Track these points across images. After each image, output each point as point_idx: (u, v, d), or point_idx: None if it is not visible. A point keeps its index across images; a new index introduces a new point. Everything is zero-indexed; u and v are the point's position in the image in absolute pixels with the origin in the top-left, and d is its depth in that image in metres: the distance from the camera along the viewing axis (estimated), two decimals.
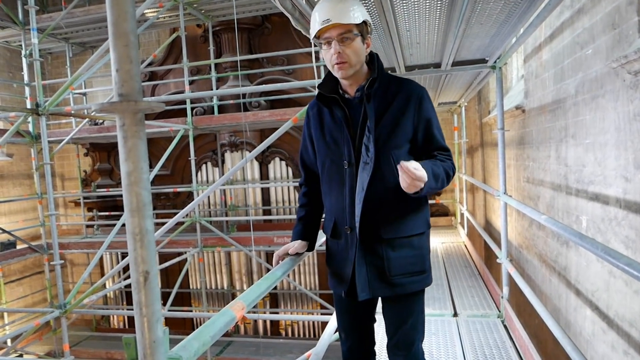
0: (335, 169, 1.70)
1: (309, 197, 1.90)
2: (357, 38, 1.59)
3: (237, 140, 8.30)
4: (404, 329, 1.73)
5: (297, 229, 1.87)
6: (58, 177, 10.65)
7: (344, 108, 1.69)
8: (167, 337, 0.82)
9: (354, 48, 1.59)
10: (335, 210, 1.73)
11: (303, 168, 1.92)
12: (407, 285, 1.68)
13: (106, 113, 0.74)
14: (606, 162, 2.55)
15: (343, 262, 1.73)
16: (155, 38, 9.81)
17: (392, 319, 1.76)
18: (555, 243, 3.49)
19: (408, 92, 1.66)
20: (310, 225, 1.89)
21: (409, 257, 1.68)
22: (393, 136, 1.64)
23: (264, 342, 8.40)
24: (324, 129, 1.74)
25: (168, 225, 4.76)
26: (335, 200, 1.72)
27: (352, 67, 1.61)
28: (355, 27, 1.58)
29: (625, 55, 2.12)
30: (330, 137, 1.72)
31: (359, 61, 1.62)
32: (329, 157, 1.73)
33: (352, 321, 1.85)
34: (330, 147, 1.71)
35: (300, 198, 1.95)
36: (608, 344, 2.58)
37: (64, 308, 5.51)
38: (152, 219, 0.77)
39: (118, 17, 0.72)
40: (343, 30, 1.57)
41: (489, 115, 5.90)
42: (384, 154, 1.63)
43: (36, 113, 5.38)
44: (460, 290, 4.62)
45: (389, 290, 1.67)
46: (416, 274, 1.69)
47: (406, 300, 1.72)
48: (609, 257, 1.56)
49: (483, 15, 2.39)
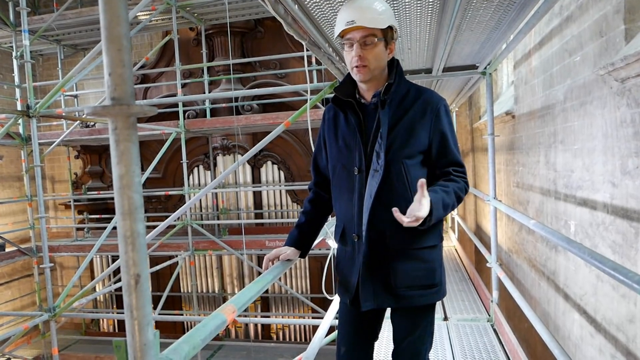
0: (345, 175, 1.67)
1: (314, 203, 1.87)
2: (380, 43, 1.57)
3: (229, 144, 8.29)
4: (411, 340, 1.69)
5: (293, 235, 1.82)
6: (48, 180, 10.56)
7: (358, 113, 1.65)
8: (157, 340, 0.83)
9: (375, 52, 1.56)
10: (344, 216, 1.71)
11: (314, 171, 1.88)
12: (415, 298, 1.63)
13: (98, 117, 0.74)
14: (594, 168, 2.59)
15: (349, 269, 1.70)
16: (147, 41, 9.77)
17: (400, 329, 1.73)
18: (544, 247, 3.52)
19: (426, 102, 1.62)
20: (307, 233, 1.84)
21: (418, 270, 1.63)
22: (406, 145, 1.59)
23: (255, 345, 8.37)
24: (338, 133, 1.71)
25: (159, 229, 4.74)
26: (345, 206, 1.69)
27: (370, 71, 1.58)
28: (379, 32, 1.55)
29: (612, 63, 2.16)
30: (343, 142, 1.69)
31: (378, 66, 1.60)
32: (340, 162, 1.70)
33: (354, 334, 1.77)
34: (342, 152, 1.68)
35: (305, 203, 1.90)
36: (596, 348, 2.61)
37: (53, 311, 5.46)
38: (144, 221, 0.77)
39: (111, 21, 0.72)
40: (367, 33, 1.54)
41: (479, 121, 5.95)
42: (395, 163, 1.59)
43: (27, 115, 5.34)
44: (451, 294, 4.65)
45: (394, 301, 1.64)
46: (425, 287, 1.64)
47: (415, 312, 1.68)
48: (595, 261, 1.58)
49: (473, 22, 2.42)
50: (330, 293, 3.07)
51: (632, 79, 2.09)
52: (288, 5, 1.91)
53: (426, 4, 2.11)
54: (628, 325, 2.22)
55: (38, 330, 8.45)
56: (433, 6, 2.15)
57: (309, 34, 2.32)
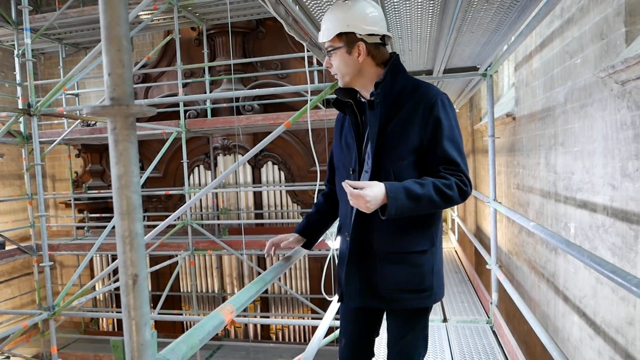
0: (344, 174, 1.71)
1: (326, 197, 1.93)
2: (340, 50, 1.59)
3: (230, 144, 8.30)
4: (403, 344, 1.70)
5: (302, 223, 1.91)
6: (49, 178, 10.56)
7: (356, 113, 1.69)
8: (155, 340, 0.83)
9: (339, 60, 1.60)
10: (342, 215, 1.77)
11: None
12: (405, 301, 1.63)
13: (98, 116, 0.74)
14: (594, 170, 2.59)
15: (341, 267, 1.74)
16: (149, 40, 9.78)
17: (393, 332, 1.74)
18: (544, 249, 3.52)
19: (420, 98, 1.55)
20: (315, 222, 1.92)
21: (407, 274, 1.61)
22: (397, 145, 1.56)
23: (254, 346, 8.37)
24: (342, 133, 1.76)
25: (159, 228, 4.74)
26: (343, 205, 1.73)
27: (342, 77, 1.63)
28: (337, 40, 1.58)
29: (613, 65, 2.15)
30: (344, 142, 1.73)
31: (348, 72, 1.61)
32: (341, 161, 1.75)
33: (353, 329, 1.82)
34: (344, 152, 1.73)
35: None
36: (595, 350, 2.61)
37: (52, 310, 5.47)
38: (142, 222, 0.77)
39: (111, 21, 0.73)
40: (327, 44, 1.61)
41: (480, 122, 5.94)
42: (386, 164, 1.57)
43: (28, 113, 5.35)
44: (450, 296, 4.65)
45: (383, 303, 1.66)
46: (415, 291, 1.62)
47: (407, 315, 1.69)
48: (594, 264, 1.58)
49: (474, 24, 2.42)
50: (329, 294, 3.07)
51: (632, 82, 2.09)
52: (289, 6, 1.91)
53: (427, 5, 2.11)
54: (627, 327, 2.21)
55: (37, 328, 8.43)
56: (434, 8, 2.15)
57: (310, 34, 2.32)
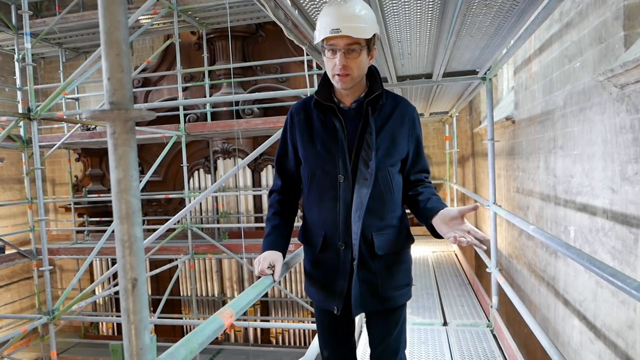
0: (327, 182, 1.62)
1: (285, 205, 1.78)
2: (364, 51, 1.52)
3: (230, 148, 8.30)
4: (389, 340, 1.72)
5: (271, 238, 1.71)
6: (49, 182, 10.57)
7: (340, 119, 1.61)
8: (154, 344, 0.83)
9: (359, 61, 1.52)
10: (325, 224, 1.64)
11: (280, 174, 1.78)
12: (398, 298, 1.69)
13: (97, 121, 0.75)
14: (593, 174, 2.59)
15: (333, 277, 1.65)
16: (149, 44, 9.81)
17: (379, 331, 1.74)
18: (544, 253, 3.52)
19: (403, 110, 1.66)
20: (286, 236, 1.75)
21: (400, 271, 1.69)
22: (390, 153, 1.62)
23: (254, 350, 8.35)
24: (314, 137, 1.64)
25: (159, 232, 4.75)
26: (326, 214, 1.63)
27: (353, 80, 1.55)
28: (363, 41, 1.50)
29: (612, 69, 2.16)
30: (322, 146, 1.62)
31: (360, 74, 1.57)
32: (320, 167, 1.64)
33: (340, 337, 1.80)
34: (322, 158, 1.62)
35: (273, 204, 1.78)
36: (595, 354, 2.60)
37: (52, 314, 5.45)
38: (142, 226, 0.78)
39: (110, 26, 0.73)
40: (351, 41, 1.48)
41: (479, 126, 5.95)
42: (382, 170, 1.60)
43: (28, 118, 5.35)
44: (450, 300, 4.64)
45: (380, 304, 1.67)
46: (404, 287, 1.71)
47: (393, 313, 1.72)
48: (594, 267, 1.58)
49: (473, 27, 2.42)
50: None
51: (631, 85, 2.09)
52: (288, 10, 1.92)
53: (426, 9, 2.12)
54: (627, 331, 2.21)
55: (37, 333, 8.44)
56: (433, 12, 2.16)
57: (309, 38, 2.33)
